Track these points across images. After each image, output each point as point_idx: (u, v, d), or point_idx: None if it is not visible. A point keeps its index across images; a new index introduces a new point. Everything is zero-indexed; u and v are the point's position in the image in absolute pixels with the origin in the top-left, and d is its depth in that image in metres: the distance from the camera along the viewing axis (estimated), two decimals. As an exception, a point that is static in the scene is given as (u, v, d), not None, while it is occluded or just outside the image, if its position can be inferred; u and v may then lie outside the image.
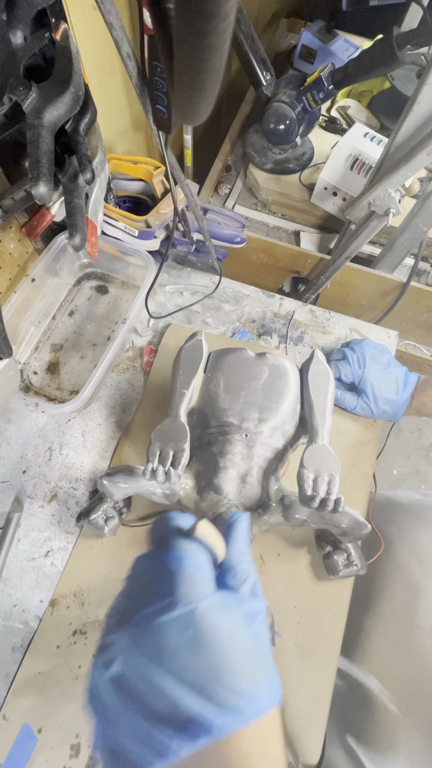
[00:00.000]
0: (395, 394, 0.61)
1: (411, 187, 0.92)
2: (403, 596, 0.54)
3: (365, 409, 0.63)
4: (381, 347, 0.65)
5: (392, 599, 0.55)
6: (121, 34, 0.39)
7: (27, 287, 0.66)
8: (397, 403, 0.61)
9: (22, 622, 0.54)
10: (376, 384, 0.62)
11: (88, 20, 0.60)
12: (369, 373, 0.62)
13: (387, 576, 0.57)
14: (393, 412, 0.62)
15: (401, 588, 0.55)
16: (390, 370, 0.62)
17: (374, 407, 0.62)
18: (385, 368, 0.63)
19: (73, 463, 0.63)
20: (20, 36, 0.43)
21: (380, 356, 0.64)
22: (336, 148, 0.91)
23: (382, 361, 0.63)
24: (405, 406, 0.61)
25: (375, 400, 0.62)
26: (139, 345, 0.72)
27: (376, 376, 0.62)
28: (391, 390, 0.62)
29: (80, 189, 0.54)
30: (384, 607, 0.56)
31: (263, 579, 0.56)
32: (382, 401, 0.62)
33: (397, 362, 0.64)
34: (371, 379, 0.62)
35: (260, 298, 0.78)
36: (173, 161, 0.53)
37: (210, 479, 0.48)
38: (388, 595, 0.56)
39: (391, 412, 0.62)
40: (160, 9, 0.31)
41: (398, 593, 0.55)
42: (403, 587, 0.54)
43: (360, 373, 0.63)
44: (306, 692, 0.51)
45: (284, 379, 0.53)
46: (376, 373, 0.62)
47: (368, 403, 0.62)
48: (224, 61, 0.26)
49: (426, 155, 0.59)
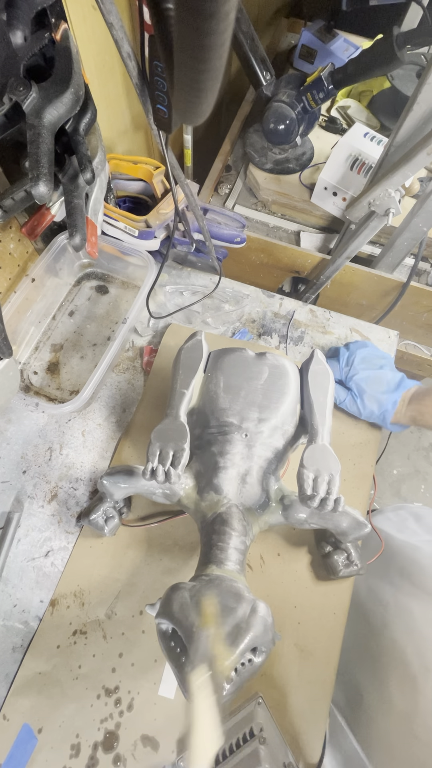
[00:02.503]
0: (383, 393, 0.61)
1: (411, 187, 0.92)
2: (401, 689, 0.50)
3: (352, 404, 0.63)
4: (379, 352, 0.65)
5: (390, 687, 0.52)
6: (121, 34, 0.39)
7: (27, 287, 0.66)
8: (384, 403, 0.60)
9: (22, 622, 0.54)
10: (362, 381, 0.62)
11: (88, 20, 0.60)
12: (356, 371, 0.62)
13: (384, 652, 0.54)
14: (381, 413, 0.61)
15: (399, 681, 0.51)
16: (382, 372, 0.62)
17: (360, 404, 0.62)
18: (376, 369, 0.62)
19: (73, 463, 0.63)
20: (20, 36, 0.43)
21: (373, 358, 0.63)
22: (336, 148, 0.91)
23: (375, 363, 0.63)
24: (393, 408, 0.60)
25: (361, 396, 0.62)
26: (139, 345, 0.72)
27: (365, 375, 0.62)
28: (379, 388, 0.61)
29: (80, 189, 0.54)
30: (384, 692, 0.52)
31: (263, 579, 0.56)
32: (368, 398, 0.61)
33: (393, 367, 0.64)
34: (357, 377, 0.62)
35: (260, 298, 0.78)
36: (173, 161, 0.53)
37: (210, 479, 0.48)
38: (386, 679, 0.53)
39: (379, 413, 0.61)
40: (160, 9, 0.31)
41: (396, 684, 0.51)
42: (401, 680, 0.51)
43: (347, 370, 0.63)
44: (306, 692, 0.51)
45: (284, 378, 0.53)
46: (364, 372, 0.62)
47: (355, 398, 0.62)
48: (224, 61, 0.26)
49: (426, 155, 0.59)
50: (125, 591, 0.55)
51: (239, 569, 0.43)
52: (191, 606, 0.37)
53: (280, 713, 0.50)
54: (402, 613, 0.55)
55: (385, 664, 0.54)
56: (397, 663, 0.52)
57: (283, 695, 0.51)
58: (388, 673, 0.53)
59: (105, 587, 0.56)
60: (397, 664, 0.52)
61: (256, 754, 0.41)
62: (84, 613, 0.54)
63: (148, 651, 0.53)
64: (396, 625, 0.55)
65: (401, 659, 0.52)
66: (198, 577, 0.41)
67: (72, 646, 0.53)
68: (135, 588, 0.56)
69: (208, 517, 0.47)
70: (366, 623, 0.58)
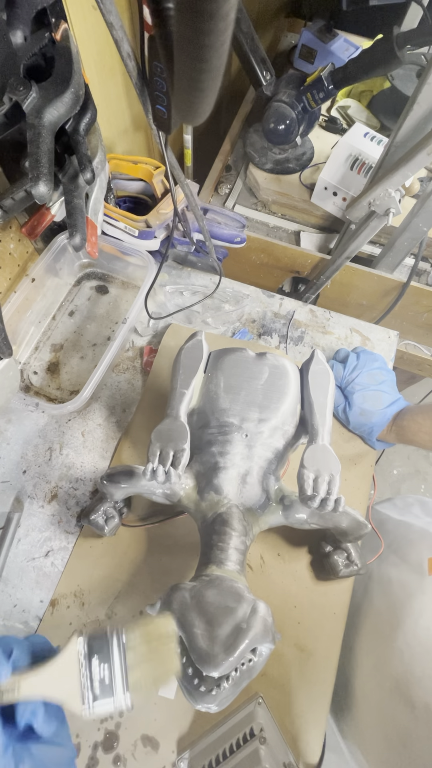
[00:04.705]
0: (376, 409, 0.61)
1: (411, 187, 0.92)
2: (371, 644, 0.54)
3: (343, 413, 0.63)
4: (384, 368, 0.65)
5: (361, 644, 0.55)
6: (121, 34, 0.39)
7: (27, 287, 0.66)
8: (375, 417, 0.61)
9: (22, 622, 0.54)
10: (360, 393, 0.62)
11: (88, 20, 0.60)
12: (357, 383, 0.63)
13: (362, 614, 0.57)
14: (369, 427, 0.61)
15: (370, 637, 0.54)
16: (380, 388, 0.62)
17: (351, 414, 0.62)
18: (377, 384, 0.62)
19: (73, 463, 0.63)
20: (20, 36, 0.43)
21: (378, 374, 0.63)
22: (336, 148, 0.91)
23: (377, 379, 0.63)
24: (382, 425, 0.61)
25: (353, 407, 0.62)
26: (139, 345, 0.72)
27: (364, 389, 0.62)
28: (373, 405, 0.61)
29: (80, 189, 0.54)
30: (357, 652, 0.55)
31: (263, 579, 0.56)
32: (361, 412, 0.61)
33: (393, 385, 0.64)
34: (357, 389, 0.62)
35: (260, 298, 0.78)
36: (173, 161, 0.53)
37: (210, 479, 0.48)
38: (359, 637, 0.56)
39: (368, 427, 0.61)
40: (160, 9, 0.31)
41: (367, 641, 0.55)
42: (372, 636, 0.54)
43: (349, 380, 0.63)
44: (306, 692, 0.51)
45: (284, 379, 0.53)
46: (364, 386, 0.62)
47: (347, 407, 0.63)
48: (224, 60, 0.26)
49: (426, 155, 0.59)
50: (125, 591, 0.55)
51: (239, 569, 0.43)
52: (191, 606, 0.37)
53: (280, 713, 0.50)
54: (382, 580, 0.57)
55: (360, 624, 0.56)
56: (371, 622, 0.55)
57: (283, 695, 0.51)
58: (362, 633, 0.55)
59: (105, 587, 0.56)
60: (370, 624, 0.55)
61: (256, 754, 0.41)
62: (84, 613, 0.54)
63: (148, 651, 0.53)
64: (375, 593, 0.57)
65: (375, 618, 0.55)
66: (198, 577, 0.41)
67: (72, 646, 0.53)
68: (135, 588, 0.56)
69: (208, 517, 0.47)
70: (352, 592, 0.60)
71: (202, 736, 0.48)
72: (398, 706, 0.46)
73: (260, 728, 0.44)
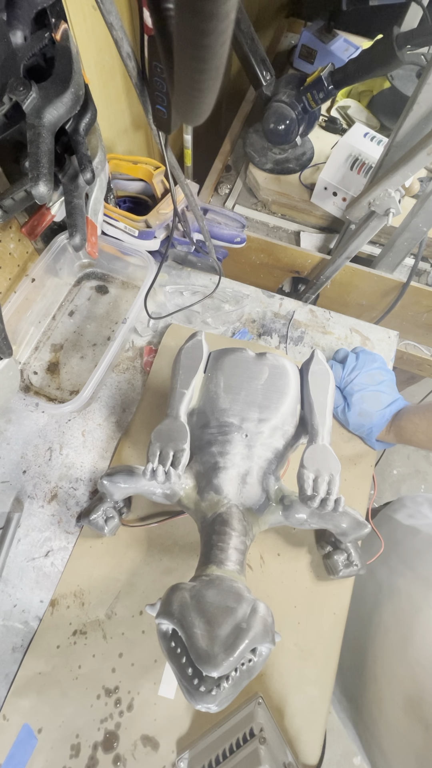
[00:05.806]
0: (375, 410, 0.61)
1: (411, 187, 0.92)
2: (379, 657, 0.53)
3: (342, 414, 0.63)
4: (384, 368, 0.65)
5: (370, 654, 0.55)
6: (121, 34, 0.39)
7: (27, 287, 0.66)
8: (374, 417, 0.61)
9: (22, 622, 0.54)
10: (359, 394, 0.62)
11: (88, 20, 0.60)
12: (356, 384, 0.62)
13: (373, 626, 0.57)
14: (368, 428, 0.61)
15: (379, 649, 0.54)
16: (379, 388, 0.62)
17: (350, 415, 0.62)
18: (376, 385, 0.62)
19: (73, 463, 0.63)
20: (20, 36, 0.43)
21: (377, 374, 0.63)
22: (336, 148, 0.91)
23: (376, 379, 0.63)
24: (382, 426, 0.61)
25: (352, 409, 0.62)
26: (139, 345, 0.72)
27: (362, 390, 0.62)
28: (372, 405, 0.61)
29: (80, 189, 0.54)
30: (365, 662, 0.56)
31: (263, 579, 0.56)
32: (360, 413, 0.61)
33: (392, 386, 0.64)
34: (355, 389, 0.62)
35: (260, 298, 0.78)
36: (173, 161, 0.53)
37: (210, 479, 0.48)
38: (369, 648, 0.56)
39: (367, 428, 0.61)
40: (160, 9, 0.31)
41: (376, 651, 0.55)
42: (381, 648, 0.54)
43: (348, 380, 0.63)
44: (306, 692, 0.51)
45: (284, 379, 0.53)
46: (363, 387, 0.62)
47: (346, 408, 0.63)
48: (224, 61, 0.26)
49: (426, 155, 0.59)
50: (125, 591, 0.55)
51: (239, 569, 0.43)
52: (191, 606, 0.37)
53: (280, 713, 0.50)
54: (392, 591, 0.57)
55: (372, 635, 0.56)
56: (382, 635, 0.55)
57: (283, 695, 0.51)
58: (375, 644, 0.55)
59: (105, 587, 0.56)
60: (381, 635, 0.55)
61: (256, 754, 0.41)
62: (84, 613, 0.54)
63: (148, 651, 0.53)
64: (385, 605, 0.57)
65: (385, 632, 0.55)
66: (198, 577, 0.41)
67: (72, 646, 0.53)
68: (135, 588, 0.56)
69: (208, 517, 0.47)
70: (362, 602, 0.60)
71: (201, 736, 0.48)
72: (413, 724, 0.46)
73: (260, 728, 0.44)
